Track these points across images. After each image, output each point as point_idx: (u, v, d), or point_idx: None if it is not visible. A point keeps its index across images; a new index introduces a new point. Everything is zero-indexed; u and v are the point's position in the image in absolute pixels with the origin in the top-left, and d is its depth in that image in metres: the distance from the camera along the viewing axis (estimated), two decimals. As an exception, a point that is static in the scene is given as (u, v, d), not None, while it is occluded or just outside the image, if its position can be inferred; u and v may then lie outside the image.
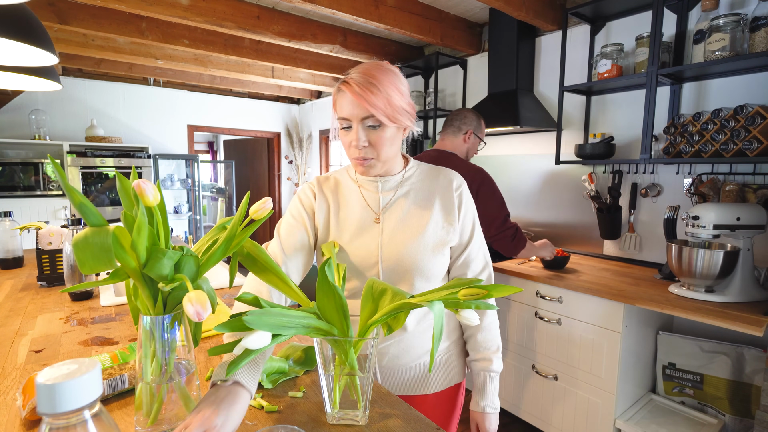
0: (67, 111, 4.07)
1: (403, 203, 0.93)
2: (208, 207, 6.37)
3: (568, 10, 2.13)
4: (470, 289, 0.62)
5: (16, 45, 1.07)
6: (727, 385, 1.67)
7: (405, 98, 0.85)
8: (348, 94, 0.82)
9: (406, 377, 0.95)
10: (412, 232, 0.90)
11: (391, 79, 0.83)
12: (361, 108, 0.81)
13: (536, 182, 2.59)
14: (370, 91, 0.80)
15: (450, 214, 0.93)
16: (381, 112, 0.81)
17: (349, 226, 0.93)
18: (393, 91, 0.82)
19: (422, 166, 0.99)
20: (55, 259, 1.45)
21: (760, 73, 1.72)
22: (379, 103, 0.80)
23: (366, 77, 0.81)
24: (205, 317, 0.52)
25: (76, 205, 0.56)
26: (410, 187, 0.95)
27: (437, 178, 0.96)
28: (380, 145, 0.85)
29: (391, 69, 0.85)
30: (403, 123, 0.86)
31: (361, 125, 0.84)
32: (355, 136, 0.84)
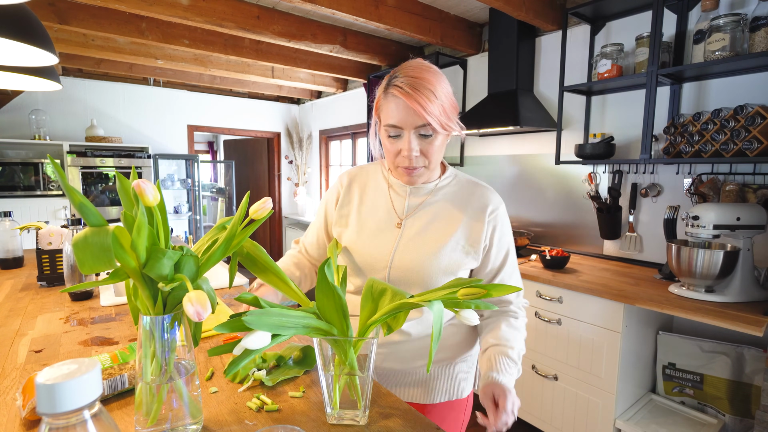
0: (67, 111, 4.07)
1: (429, 213, 0.89)
2: (208, 207, 6.37)
3: (568, 10, 2.13)
4: (470, 288, 0.62)
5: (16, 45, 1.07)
6: (727, 385, 1.67)
7: (453, 101, 0.82)
8: (402, 99, 0.76)
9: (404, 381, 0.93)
10: (429, 246, 0.86)
11: (441, 81, 0.79)
12: (416, 116, 0.77)
13: (536, 182, 2.59)
14: (426, 98, 0.75)
15: (474, 238, 0.87)
16: (436, 120, 0.77)
17: (370, 225, 0.92)
18: (445, 96, 0.79)
19: (460, 177, 0.93)
20: (55, 259, 1.45)
21: (760, 73, 1.72)
22: (435, 110, 0.76)
23: (420, 81, 0.76)
24: (205, 317, 0.52)
25: (76, 205, 0.56)
26: (441, 198, 0.90)
27: (472, 195, 0.90)
28: (431, 154, 0.82)
29: (439, 70, 0.81)
30: (455, 129, 0.82)
31: (414, 133, 0.79)
32: (408, 146, 0.79)
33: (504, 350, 0.86)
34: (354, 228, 0.94)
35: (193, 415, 0.63)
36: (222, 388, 0.78)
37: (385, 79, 0.81)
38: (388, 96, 0.79)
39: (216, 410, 0.71)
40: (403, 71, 0.79)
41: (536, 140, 2.60)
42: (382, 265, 0.88)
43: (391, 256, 0.88)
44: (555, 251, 2.04)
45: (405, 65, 0.80)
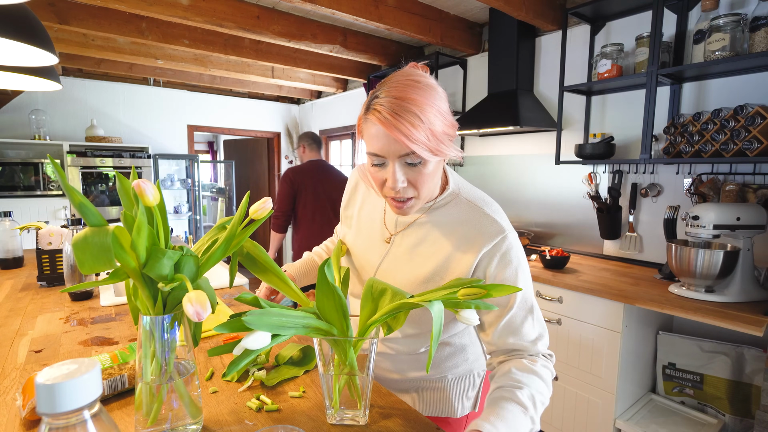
0: (67, 111, 4.07)
1: (418, 234, 0.80)
2: (208, 207, 6.37)
3: (568, 10, 2.13)
4: (469, 288, 0.62)
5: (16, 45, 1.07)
6: (727, 385, 1.67)
7: (447, 119, 0.69)
8: (380, 127, 0.66)
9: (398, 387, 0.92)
10: (409, 272, 0.79)
11: (431, 99, 0.66)
12: (398, 144, 0.66)
13: (536, 182, 2.59)
14: (410, 123, 0.64)
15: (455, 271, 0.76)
16: (423, 147, 0.65)
17: (364, 234, 0.90)
18: (435, 116, 0.66)
19: (460, 198, 0.80)
20: (55, 259, 1.45)
21: (760, 73, 1.72)
22: (421, 136, 0.64)
23: (402, 103, 0.64)
24: (204, 317, 0.52)
25: (76, 205, 0.56)
26: (434, 219, 0.80)
27: (469, 222, 0.77)
28: (421, 183, 0.70)
29: (430, 84, 0.68)
30: (449, 154, 0.69)
31: (399, 162, 0.69)
32: (392, 177, 0.69)
33: (506, 393, 0.68)
34: (353, 232, 0.93)
35: (193, 415, 0.63)
36: (222, 388, 0.78)
37: (369, 96, 0.71)
38: (368, 120, 0.68)
39: (216, 410, 0.71)
40: (386, 88, 0.68)
41: (536, 140, 2.60)
42: (369, 269, 0.88)
43: (375, 271, 0.86)
44: (555, 251, 2.04)
45: (390, 79, 0.69)
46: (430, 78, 0.71)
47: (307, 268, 1.05)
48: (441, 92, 0.70)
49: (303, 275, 1.03)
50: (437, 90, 0.69)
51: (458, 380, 0.89)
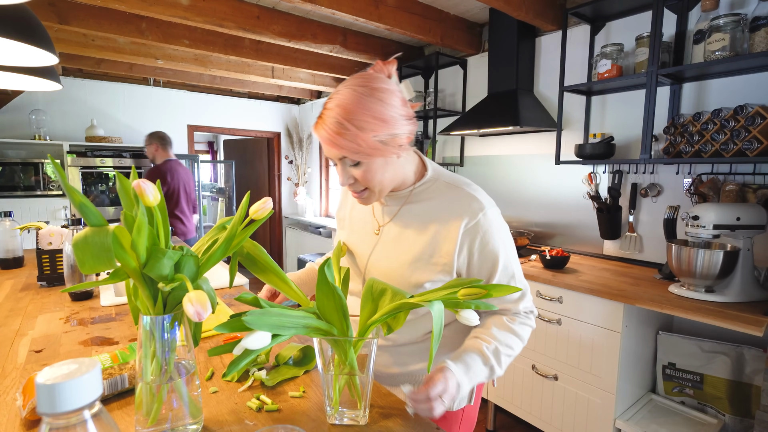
0: (67, 111, 4.07)
1: (404, 221, 0.87)
2: (208, 207, 6.37)
3: (568, 10, 2.13)
4: (470, 288, 0.62)
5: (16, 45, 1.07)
6: (727, 385, 1.67)
7: (389, 124, 0.74)
8: (317, 135, 0.77)
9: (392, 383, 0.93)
10: (399, 257, 0.85)
11: (367, 107, 0.72)
12: (332, 150, 0.76)
13: (536, 182, 2.59)
14: (338, 133, 0.72)
15: (445, 250, 0.81)
16: (351, 152, 0.74)
17: (356, 230, 0.96)
18: (369, 124, 0.72)
19: (440, 182, 0.87)
20: (55, 259, 1.45)
21: (760, 73, 1.72)
22: (348, 143, 0.72)
23: (329, 112, 0.73)
24: (205, 317, 0.52)
25: (76, 205, 0.56)
26: (417, 205, 0.86)
27: (450, 201, 0.83)
28: (368, 180, 0.78)
29: (371, 91, 0.74)
30: (387, 152, 0.76)
31: (342, 164, 0.78)
32: (341, 175, 0.80)
33: (478, 344, 0.79)
34: (346, 232, 0.99)
35: (193, 415, 0.63)
36: (222, 388, 0.78)
37: None
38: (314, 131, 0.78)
39: (216, 410, 0.71)
40: (329, 100, 0.76)
41: (536, 140, 2.60)
42: (360, 270, 0.92)
43: (366, 263, 0.90)
44: (555, 251, 2.04)
45: (336, 91, 0.77)
46: (377, 81, 0.75)
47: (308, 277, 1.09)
48: (383, 96, 0.74)
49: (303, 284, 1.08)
50: (376, 95, 0.73)
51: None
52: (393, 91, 0.76)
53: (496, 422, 2.23)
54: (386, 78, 0.78)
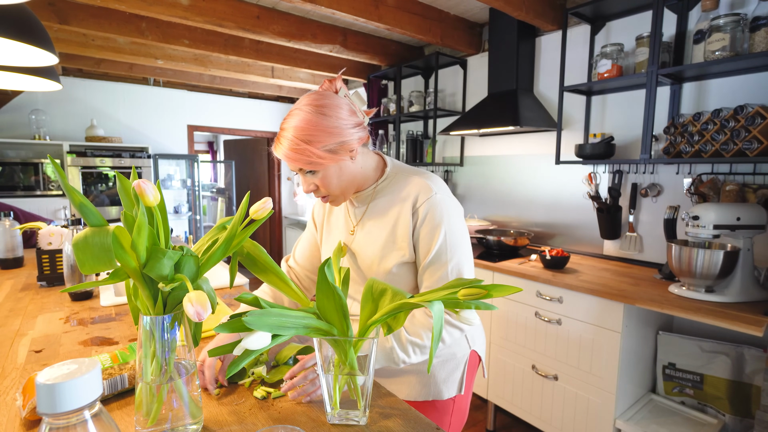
0: (67, 111, 4.07)
1: (372, 217, 0.95)
2: (208, 207, 6.37)
3: (568, 10, 2.13)
4: (470, 289, 0.62)
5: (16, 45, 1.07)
6: (727, 385, 1.67)
7: (336, 134, 0.83)
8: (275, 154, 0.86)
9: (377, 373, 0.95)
10: (370, 248, 0.93)
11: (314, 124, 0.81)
12: (290, 164, 0.85)
13: (536, 182, 2.59)
14: (291, 149, 0.82)
15: (402, 232, 0.90)
16: (305, 164, 0.83)
17: (332, 233, 1.02)
18: (316, 137, 0.81)
19: (399, 175, 0.94)
20: (55, 259, 1.45)
21: (760, 73, 1.72)
22: (300, 156, 0.82)
23: (287, 135, 0.82)
24: (205, 317, 0.52)
25: (76, 205, 0.56)
26: (381, 198, 0.94)
27: (404, 188, 0.92)
28: (326, 185, 0.88)
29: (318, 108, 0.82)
30: (338, 158, 0.84)
31: (302, 174, 0.88)
32: (304, 185, 0.90)
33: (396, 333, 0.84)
34: (325, 236, 1.05)
35: (193, 415, 0.63)
36: (222, 388, 0.78)
37: None
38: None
39: (216, 410, 0.71)
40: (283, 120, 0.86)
41: (536, 140, 2.60)
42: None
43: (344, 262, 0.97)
44: (555, 251, 2.04)
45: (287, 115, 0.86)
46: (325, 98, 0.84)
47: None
48: (329, 110, 0.83)
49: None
50: (323, 111, 0.82)
51: (443, 364, 0.96)
52: (338, 105, 0.85)
53: (496, 422, 2.23)
54: (332, 94, 0.86)
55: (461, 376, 0.98)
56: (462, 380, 0.98)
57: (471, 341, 1.01)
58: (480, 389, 2.25)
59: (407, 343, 0.84)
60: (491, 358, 2.16)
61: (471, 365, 1.00)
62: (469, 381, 1.00)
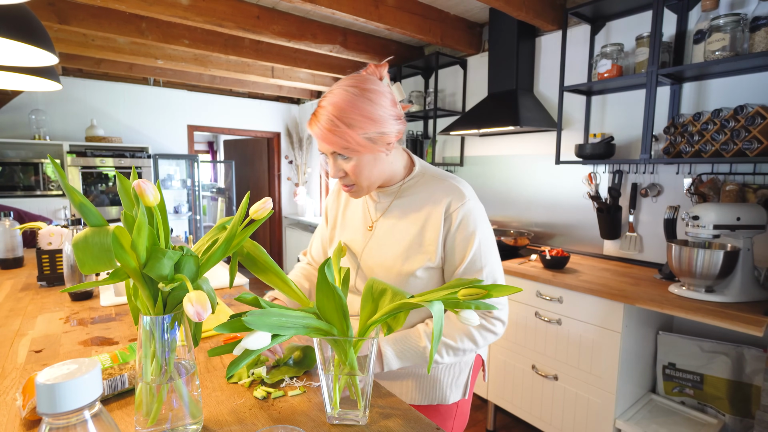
0: (67, 111, 4.07)
1: (395, 214, 0.91)
2: (208, 207, 6.37)
3: (568, 10, 2.13)
4: (470, 289, 0.62)
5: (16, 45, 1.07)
6: (727, 385, 1.67)
7: (377, 122, 0.79)
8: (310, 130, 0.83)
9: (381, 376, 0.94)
10: (392, 248, 0.89)
11: (357, 106, 0.78)
12: (323, 144, 0.82)
13: (536, 182, 2.59)
14: (330, 130, 0.78)
15: (431, 237, 0.86)
16: (341, 147, 0.79)
17: (349, 228, 0.98)
18: (358, 121, 0.78)
19: (426, 176, 0.92)
20: (55, 259, 1.45)
21: (760, 73, 1.72)
22: (338, 139, 0.78)
23: (322, 110, 0.79)
24: (205, 317, 0.52)
25: (76, 205, 0.56)
26: (406, 198, 0.91)
27: (434, 192, 0.88)
28: (356, 174, 0.84)
29: (362, 92, 0.79)
30: (375, 149, 0.81)
31: (333, 158, 0.84)
32: (332, 169, 0.86)
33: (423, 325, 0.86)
34: (338, 230, 1.01)
35: (193, 415, 0.63)
36: (222, 388, 0.78)
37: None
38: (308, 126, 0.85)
39: (216, 410, 0.71)
40: (323, 98, 0.82)
41: (536, 140, 2.60)
42: (353, 266, 0.95)
43: (360, 255, 0.93)
44: (555, 251, 2.04)
45: (329, 91, 0.83)
46: (369, 82, 0.81)
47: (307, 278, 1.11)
48: (373, 96, 0.79)
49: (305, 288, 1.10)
50: (366, 95, 0.79)
51: (448, 368, 0.94)
52: (383, 92, 0.81)
53: (496, 422, 2.23)
54: (377, 80, 0.83)
55: (466, 380, 0.97)
56: (467, 384, 0.97)
57: None
58: (480, 389, 2.25)
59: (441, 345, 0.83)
60: (491, 358, 2.16)
61: (474, 369, 0.99)
62: (471, 386, 0.99)
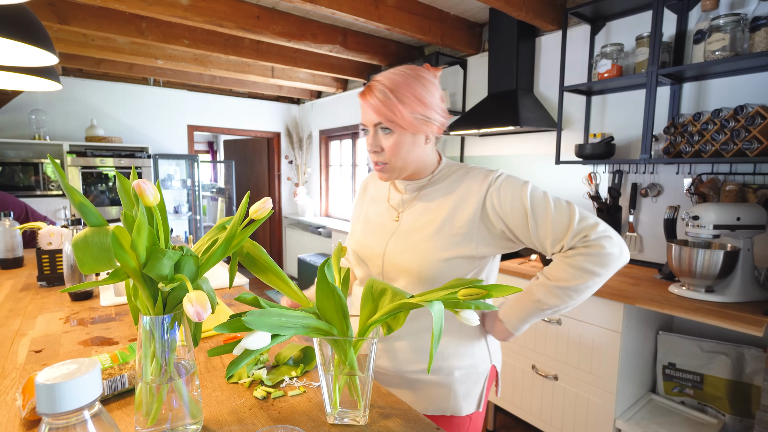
0: (67, 111, 4.07)
1: (423, 203, 0.92)
2: (208, 207, 6.37)
3: (568, 10, 2.13)
4: (470, 289, 0.62)
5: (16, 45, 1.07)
6: (727, 385, 1.67)
7: (426, 106, 0.84)
8: (361, 100, 0.86)
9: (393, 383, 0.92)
10: (420, 234, 0.88)
11: (411, 86, 0.82)
12: (371, 114, 0.84)
13: (536, 182, 2.59)
14: (380, 100, 0.82)
15: (460, 220, 0.85)
16: (387, 119, 0.82)
17: (372, 219, 0.99)
18: (409, 99, 0.82)
19: (454, 167, 0.94)
20: (55, 259, 1.45)
21: (760, 73, 1.72)
22: (387, 110, 0.81)
23: (382, 84, 0.83)
24: (205, 317, 0.52)
25: (76, 205, 0.56)
26: (434, 188, 0.92)
27: (464, 180, 0.89)
28: (393, 152, 0.85)
29: (417, 76, 0.84)
30: (418, 130, 0.84)
31: (375, 130, 0.86)
32: (370, 141, 0.87)
33: (531, 284, 0.87)
34: (360, 227, 1.01)
35: (193, 415, 0.63)
36: (222, 388, 0.78)
37: None
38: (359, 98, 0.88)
39: (216, 410, 0.71)
40: (379, 74, 0.86)
41: (536, 140, 2.60)
42: (378, 253, 0.93)
43: (384, 247, 0.92)
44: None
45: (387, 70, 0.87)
46: (425, 72, 0.86)
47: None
48: (427, 84, 0.85)
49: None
50: (421, 81, 0.84)
51: (465, 377, 0.91)
52: (435, 84, 0.87)
53: (496, 422, 2.23)
54: (431, 74, 0.88)
55: (481, 391, 0.94)
56: (482, 396, 0.94)
57: (492, 354, 0.97)
58: (480, 389, 2.25)
59: (553, 288, 0.82)
60: (491, 358, 2.16)
61: (489, 380, 0.96)
62: (486, 397, 0.96)
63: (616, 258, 0.82)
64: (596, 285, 0.83)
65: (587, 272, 0.80)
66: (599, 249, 0.80)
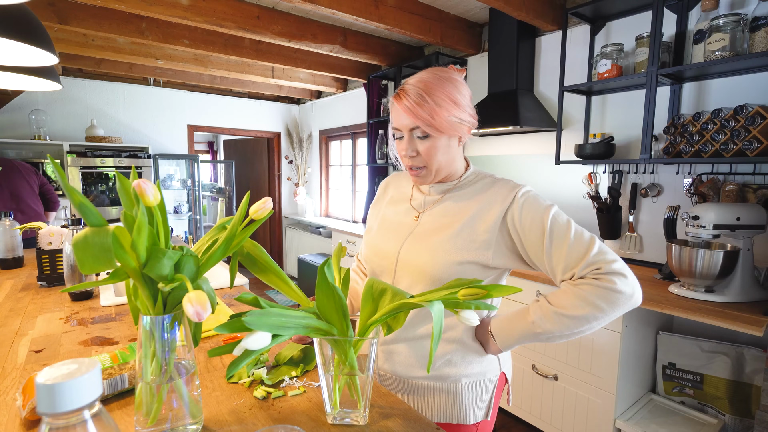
0: (67, 111, 4.07)
1: (445, 208, 0.91)
2: (208, 207, 6.37)
3: (568, 10, 2.13)
4: (470, 289, 0.62)
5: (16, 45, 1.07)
6: (727, 385, 1.67)
7: (460, 108, 0.84)
8: (397, 105, 0.84)
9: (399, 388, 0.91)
10: (437, 236, 0.87)
11: (445, 88, 0.82)
12: (408, 119, 0.83)
13: (536, 182, 2.59)
14: (417, 103, 0.81)
15: (483, 227, 0.85)
16: (425, 123, 0.81)
17: (390, 218, 0.99)
18: (445, 102, 0.82)
19: (481, 175, 0.93)
20: (55, 259, 1.45)
21: (760, 73, 1.72)
22: (425, 114, 0.81)
23: (417, 88, 0.82)
24: (205, 317, 0.52)
25: (76, 205, 0.56)
26: (459, 194, 0.91)
27: (489, 189, 0.88)
28: (429, 156, 0.85)
29: (449, 78, 0.84)
30: (454, 133, 0.85)
31: (410, 135, 0.85)
32: (405, 146, 0.86)
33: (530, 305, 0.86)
34: (377, 225, 1.01)
35: (193, 415, 0.63)
36: (222, 388, 0.78)
37: None
38: (392, 103, 0.87)
39: (216, 410, 0.71)
40: (411, 78, 0.86)
41: (536, 140, 2.60)
42: (393, 251, 0.92)
43: (400, 245, 0.91)
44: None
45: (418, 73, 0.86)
46: (453, 73, 0.86)
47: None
48: (458, 85, 0.85)
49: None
50: (453, 82, 0.84)
51: (472, 386, 0.89)
52: (464, 86, 0.87)
53: (496, 422, 2.23)
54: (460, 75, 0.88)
55: (489, 399, 0.92)
56: (490, 405, 0.92)
57: (502, 362, 0.94)
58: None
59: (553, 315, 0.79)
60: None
61: (498, 388, 0.94)
62: (495, 406, 0.94)
63: (626, 298, 0.78)
64: (597, 322, 0.78)
65: (590, 305, 0.76)
66: (610, 284, 0.77)
